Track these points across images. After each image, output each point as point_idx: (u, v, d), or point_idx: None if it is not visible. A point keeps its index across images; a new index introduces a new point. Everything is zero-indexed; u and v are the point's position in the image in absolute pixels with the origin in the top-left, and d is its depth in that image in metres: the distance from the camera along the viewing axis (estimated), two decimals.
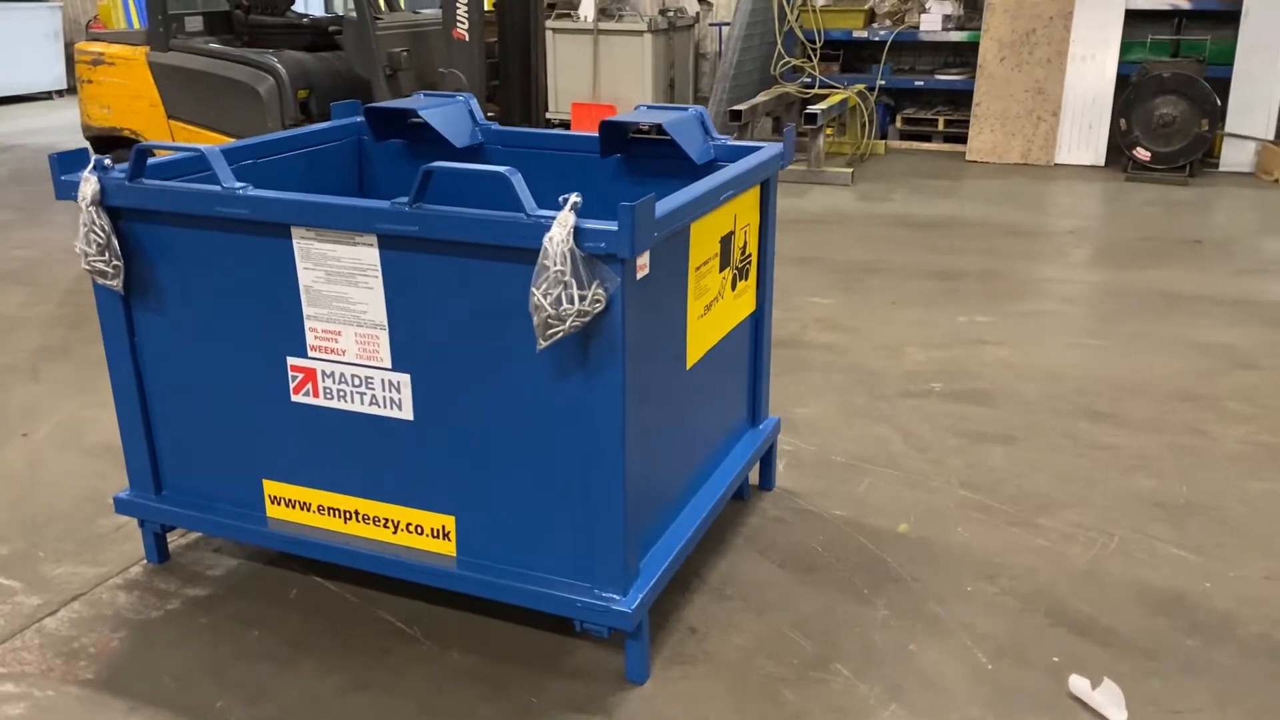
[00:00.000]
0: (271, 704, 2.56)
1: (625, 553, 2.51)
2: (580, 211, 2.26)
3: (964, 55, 10.11)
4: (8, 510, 3.46)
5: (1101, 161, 9.06)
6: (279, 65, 6.29)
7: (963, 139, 9.61)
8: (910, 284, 5.82)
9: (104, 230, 2.70)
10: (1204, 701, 2.56)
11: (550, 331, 2.27)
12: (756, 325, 3.30)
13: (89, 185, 2.68)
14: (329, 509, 2.82)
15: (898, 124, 10.05)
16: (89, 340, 4.99)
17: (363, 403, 2.68)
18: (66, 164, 2.76)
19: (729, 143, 3.25)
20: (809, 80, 9.73)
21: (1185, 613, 2.90)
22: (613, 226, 2.24)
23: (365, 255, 2.53)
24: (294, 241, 2.60)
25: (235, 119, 6.33)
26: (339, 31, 6.76)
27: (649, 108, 3.33)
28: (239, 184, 2.60)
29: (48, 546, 3.25)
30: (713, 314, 2.92)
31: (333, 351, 2.66)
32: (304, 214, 2.54)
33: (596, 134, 3.35)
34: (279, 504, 2.88)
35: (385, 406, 2.65)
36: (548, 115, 7.69)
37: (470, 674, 2.66)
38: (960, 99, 9.99)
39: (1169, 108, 8.40)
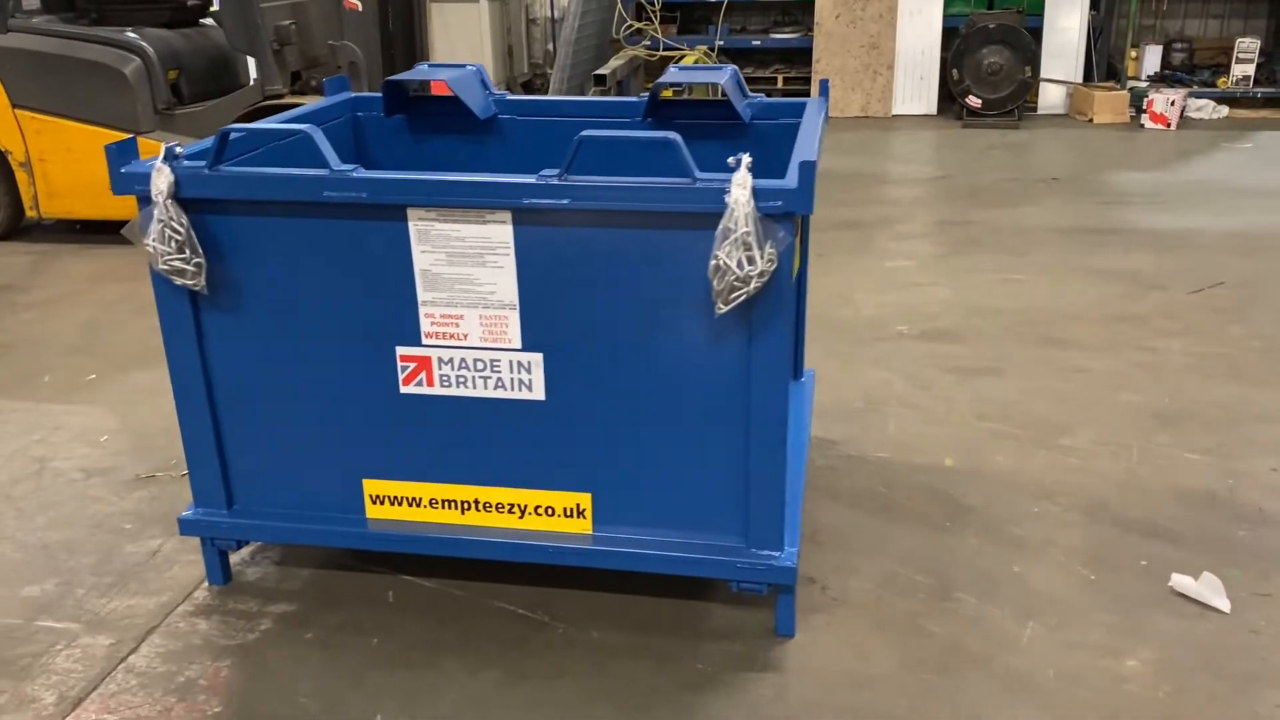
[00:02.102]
0: (433, 709, 2.45)
1: (784, 509, 2.54)
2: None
3: (793, 14, 10.47)
4: (18, 549, 3.10)
5: (934, 111, 9.62)
6: (145, 44, 5.83)
7: (802, 95, 9.95)
8: (823, 235, 6.02)
9: (182, 226, 2.45)
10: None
11: (734, 295, 2.26)
12: (800, 280, 3.37)
13: (162, 176, 2.43)
14: (444, 501, 2.69)
15: None
16: None
17: (487, 387, 2.57)
18: (124, 154, 2.49)
19: (762, 100, 3.30)
20: (650, 43, 9.81)
21: (1224, 508, 3.20)
22: (789, 185, 2.25)
23: (496, 233, 2.42)
24: (410, 224, 2.45)
25: (97, 105, 5.83)
26: (202, 5, 6.31)
27: (680, 68, 3.32)
28: (348, 165, 2.43)
29: (84, 582, 2.94)
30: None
31: (452, 337, 2.54)
32: (431, 193, 2.40)
33: (612, 99, 3.31)
34: (381, 503, 2.73)
35: (513, 389, 2.56)
36: None
37: (623, 650, 2.63)
38: (793, 57, 10.34)
39: (996, 57, 9.01)
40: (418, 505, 2.71)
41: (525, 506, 2.67)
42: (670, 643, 2.65)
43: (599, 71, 8.48)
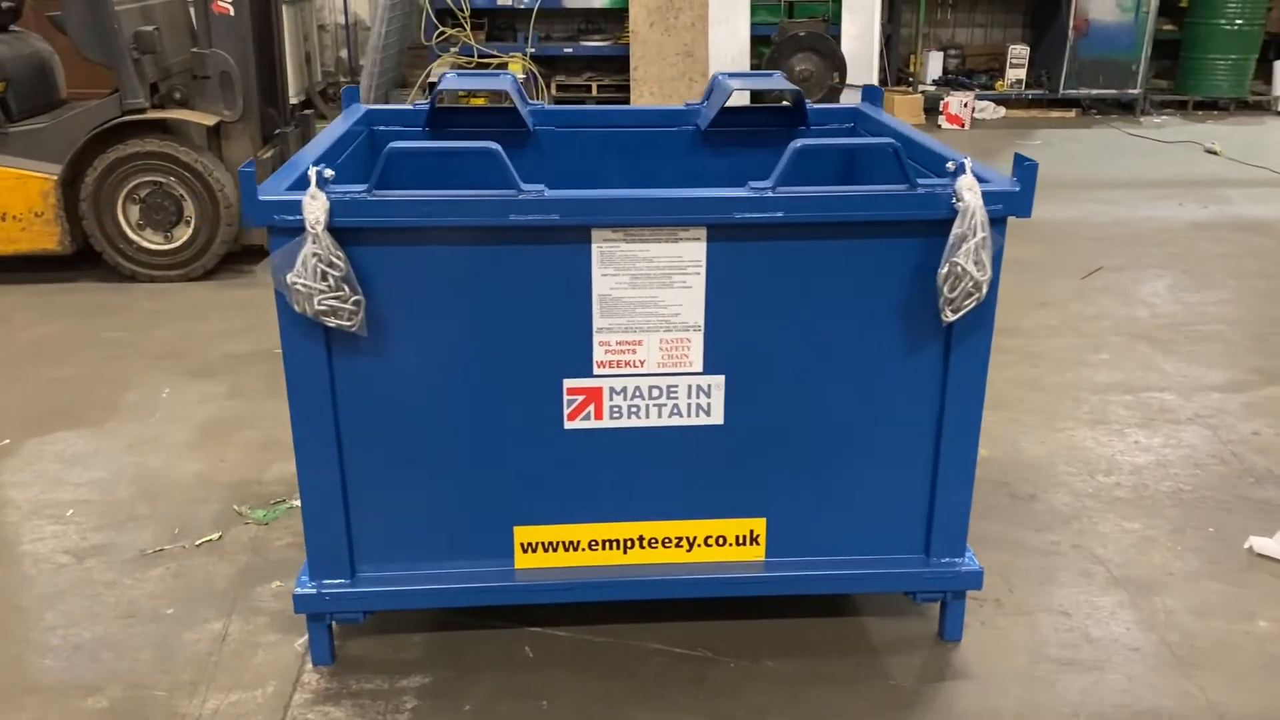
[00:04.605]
0: None
1: (968, 517, 2.53)
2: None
3: (596, 22, 10.48)
4: (46, 655, 2.59)
5: None
6: None
7: (616, 104, 9.99)
8: None
9: (340, 259, 2.13)
10: None
11: (966, 302, 2.24)
12: None
13: (318, 205, 2.10)
14: (604, 542, 2.49)
15: (553, 91, 10.18)
16: None
17: (661, 415, 2.40)
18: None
19: (812, 107, 3.28)
20: (463, 50, 9.53)
21: (1254, 472, 3.48)
22: (1013, 188, 2.25)
23: (689, 251, 2.27)
24: (593, 246, 2.25)
25: None
26: (16, 8, 5.53)
27: (730, 75, 3.25)
28: (534, 185, 2.19)
29: (157, 682, 2.50)
30: None
31: (628, 365, 2.35)
32: (631, 212, 2.21)
33: (655, 108, 3.21)
34: (532, 551, 2.49)
35: (689, 415, 2.41)
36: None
37: (807, 677, 2.53)
38: (601, 65, 10.35)
39: (806, 64, 9.40)
40: (574, 549, 2.50)
41: (694, 538, 2.52)
42: (848, 662, 2.59)
43: (432, 80, 8.14)
